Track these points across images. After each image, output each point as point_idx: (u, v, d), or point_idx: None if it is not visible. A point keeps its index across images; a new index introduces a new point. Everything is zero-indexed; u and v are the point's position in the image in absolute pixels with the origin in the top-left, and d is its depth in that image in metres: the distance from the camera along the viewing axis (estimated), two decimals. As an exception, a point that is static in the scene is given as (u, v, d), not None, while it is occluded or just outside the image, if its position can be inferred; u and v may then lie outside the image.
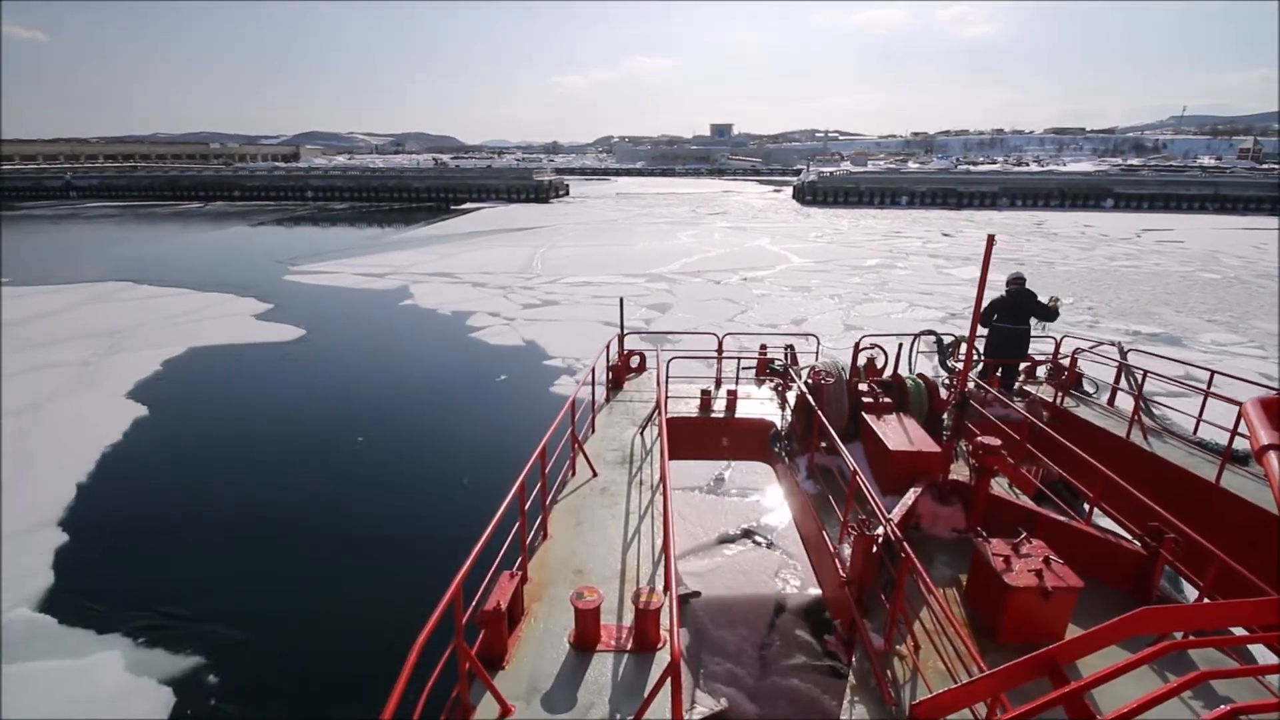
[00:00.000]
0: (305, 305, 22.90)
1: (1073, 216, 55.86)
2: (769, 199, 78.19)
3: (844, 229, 45.91)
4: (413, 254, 33.99)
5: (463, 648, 3.08)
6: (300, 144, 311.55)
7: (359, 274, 28.03)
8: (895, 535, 4.19)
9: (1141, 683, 3.06)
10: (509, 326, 19.24)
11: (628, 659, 3.66)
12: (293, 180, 77.24)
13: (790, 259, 32.15)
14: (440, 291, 24.42)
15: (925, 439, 5.98)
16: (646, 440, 6.95)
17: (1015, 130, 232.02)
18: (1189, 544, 4.21)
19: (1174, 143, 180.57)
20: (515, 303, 22.38)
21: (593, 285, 25.40)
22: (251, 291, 24.45)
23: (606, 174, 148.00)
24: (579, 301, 22.56)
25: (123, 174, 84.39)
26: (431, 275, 27.69)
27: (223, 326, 19.89)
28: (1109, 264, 31.28)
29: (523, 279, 26.82)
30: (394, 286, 25.36)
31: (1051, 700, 2.38)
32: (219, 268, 30.71)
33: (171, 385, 14.91)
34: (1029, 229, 46.32)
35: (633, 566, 4.61)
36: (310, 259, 32.26)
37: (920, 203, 67.78)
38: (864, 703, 3.65)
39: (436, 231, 44.89)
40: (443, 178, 74.90)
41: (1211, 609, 2.88)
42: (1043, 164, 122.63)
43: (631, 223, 49.90)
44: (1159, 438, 7.07)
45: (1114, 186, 66.68)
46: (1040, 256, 33.36)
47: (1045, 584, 3.91)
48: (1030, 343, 9.26)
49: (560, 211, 60.09)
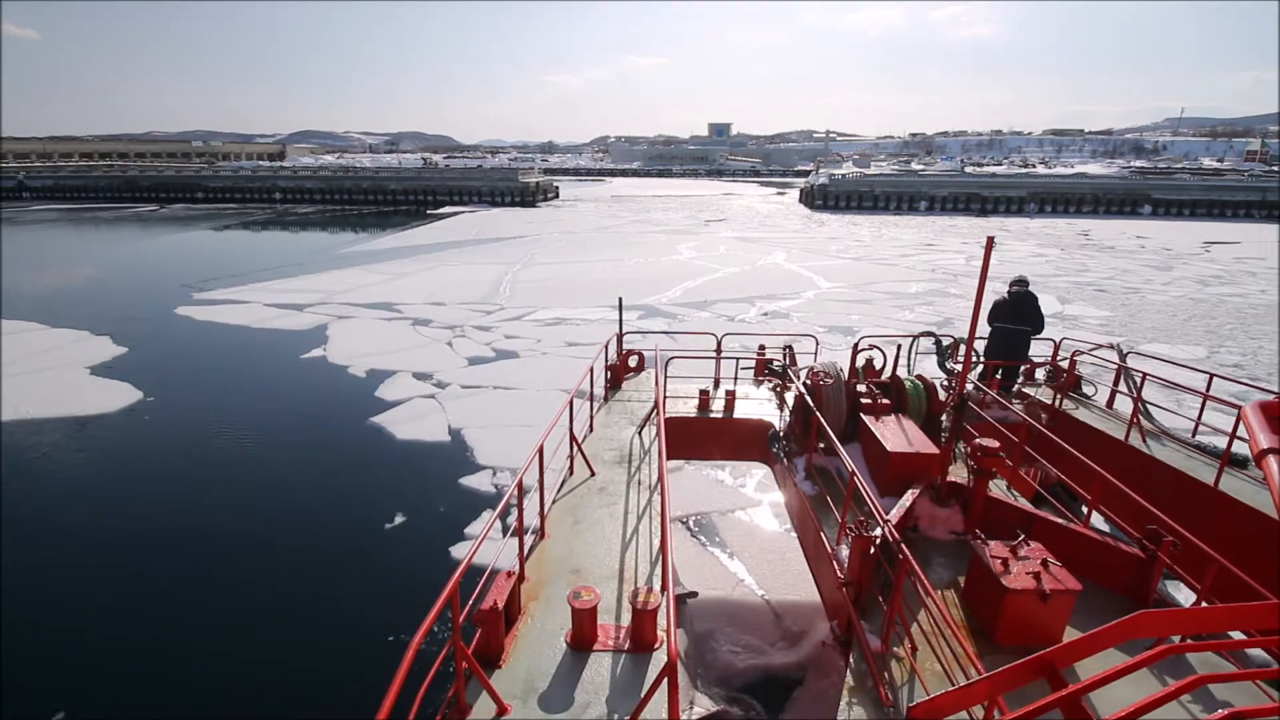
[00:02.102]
0: (170, 353, 17.12)
1: (1115, 225, 50.27)
2: (774, 203, 72.42)
3: (866, 240, 40.16)
4: (358, 273, 28.12)
5: (459, 647, 3.10)
6: (295, 143, 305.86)
7: (274, 304, 22.15)
8: (893, 537, 4.09)
9: (1139, 686, 3.14)
10: (434, 403, 13.35)
11: (625, 659, 3.64)
12: (259, 181, 71.20)
13: (816, 282, 26.35)
14: (367, 334, 18.57)
15: (924, 440, 5.90)
16: (645, 440, 6.84)
17: (1014, 131, 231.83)
18: (1187, 547, 4.15)
19: (1174, 144, 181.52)
20: (460, 355, 16.55)
21: (568, 324, 19.58)
22: (116, 328, 18.60)
23: (601, 175, 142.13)
24: (546, 351, 16.77)
25: (79, 174, 78.26)
26: (368, 306, 21.84)
27: (34, 384, 14.09)
28: (1203, 291, 25.57)
29: (482, 312, 21.00)
30: (309, 325, 19.48)
31: (1049, 703, 2.36)
32: (103, 292, 24.93)
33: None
34: (1076, 240, 40.64)
35: (630, 566, 4.58)
36: (229, 279, 26.35)
37: (941, 208, 62.17)
38: (861, 704, 3.61)
39: (398, 242, 38.97)
40: (420, 179, 68.88)
41: (1210, 612, 2.72)
42: (1050, 166, 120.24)
43: (624, 232, 44.01)
44: (1158, 440, 6.96)
45: (1152, 192, 61.16)
46: (1117, 279, 27.63)
47: (1043, 586, 3.85)
48: (1031, 345, 9.07)
49: (546, 217, 54.22)
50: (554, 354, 16.57)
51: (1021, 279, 9.18)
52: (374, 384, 14.41)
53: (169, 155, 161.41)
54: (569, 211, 59.38)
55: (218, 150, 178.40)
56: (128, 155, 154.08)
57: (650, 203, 70.32)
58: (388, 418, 12.59)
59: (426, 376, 14.88)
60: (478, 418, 12.54)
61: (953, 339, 8.98)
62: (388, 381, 14.55)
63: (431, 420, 12.46)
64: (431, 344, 17.51)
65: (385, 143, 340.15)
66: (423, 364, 15.74)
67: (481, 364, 15.86)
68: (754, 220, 52.36)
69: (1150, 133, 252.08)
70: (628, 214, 57.11)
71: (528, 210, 61.04)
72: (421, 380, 14.64)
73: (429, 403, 13.34)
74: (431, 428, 12.13)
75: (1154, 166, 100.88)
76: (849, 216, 56.13)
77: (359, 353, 16.65)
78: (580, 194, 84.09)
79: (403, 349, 17.05)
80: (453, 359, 16.20)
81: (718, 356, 8.97)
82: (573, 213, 58.27)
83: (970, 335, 5.35)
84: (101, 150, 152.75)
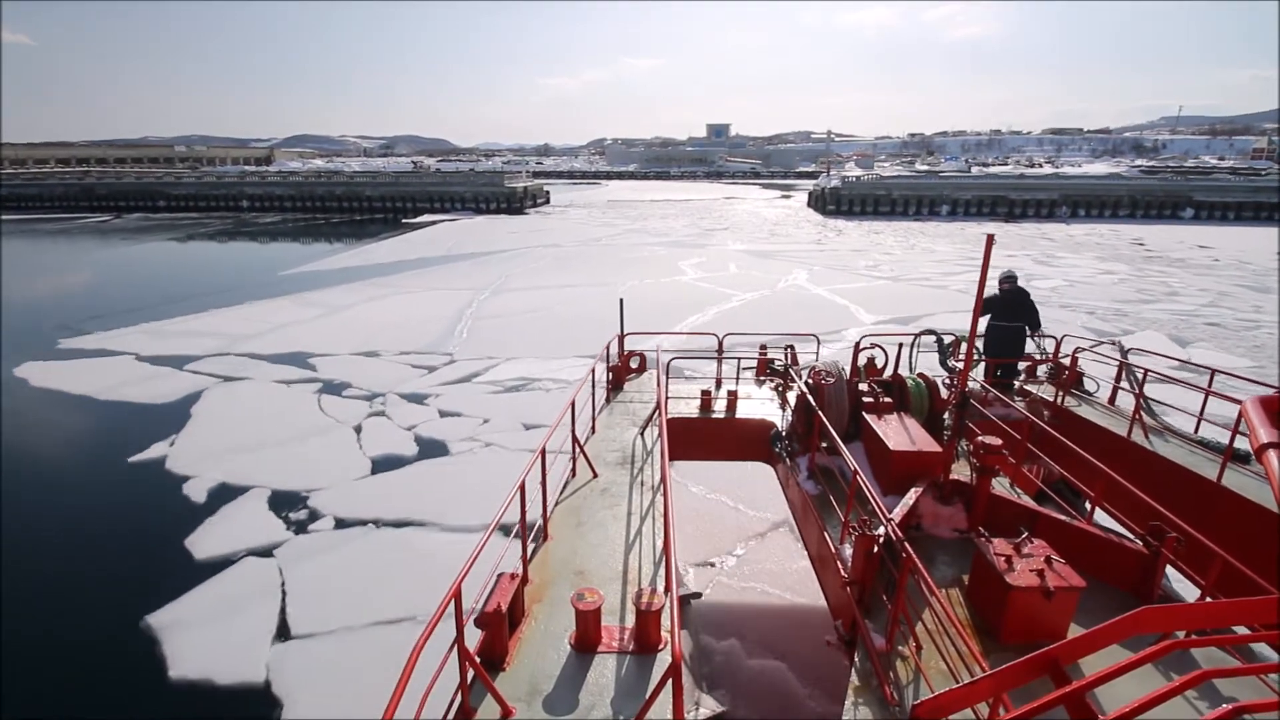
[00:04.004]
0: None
1: (1164, 231, 45.07)
2: (781, 208, 67.20)
3: (896, 253, 34.91)
4: (288, 306, 22.86)
5: (463, 649, 3.09)
6: (292, 147, 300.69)
7: (154, 356, 16.84)
8: (896, 535, 4.10)
9: (1144, 682, 3.07)
10: (269, 572, 7.95)
11: (629, 660, 3.62)
12: (224, 189, 65.90)
13: (855, 313, 21.07)
14: (250, 410, 13.31)
15: (926, 439, 5.86)
16: (647, 441, 6.82)
17: (1013, 131, 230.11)
18: (1190, 543, 4.16)
19: (1173, 143, 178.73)
20: (364, 452, 11.29)
21: (533, 388, 14.34)
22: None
23: (598, 178, 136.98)
24: (491, 440, 11.54)
25: (34, 182, 72.97)
26: (274, 360, 16.58)
27: None
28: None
29: (423, 367, 15.78)
30: (177, 394, 14.17)
31: (1053, 700, 2.32)
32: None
33: None
34: (1135, 251, 35.44)
35: (634, 567, 4.55)
36: (119, 316, 21.08)
37: (964, 212, 57.01)
38: (866, 703, 3.59)
39: (357, 259, 33.68)
40: (399, 185, 63.55)
41: (1213, 608, 2.78)
42: (1057, 165, 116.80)
43: (617, 245, 38.73)
44: (1160, 436, 6.92)
45: (1193, 193, 56.02)
46: (1220, 306, 22.38)
47: (1047, 584, 3.84)
48: (1026, 341, 9.09)
49: (533, 226, 49.00)
50: (501, 447, 11.32)
51: (1010, 275, 9.18)
52: (202, 519, 9.11)
53: (151, 160, 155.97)
54: (559, 219, 54.13)
55: (202, 155, 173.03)
56: (107, 161, 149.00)
57: (647, 208, 65.05)
58: (170, 617, 7.26)
59: (291, 503, 9.59)
60: (331, 609, 7.25)
61: (954, 336, 8.74)
62: (226, 514, 9.28)
63: (237, 626, 7.10)
64: (332, 430, 12.25)
65: (381, 146, 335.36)
66: (300, 472, 10.47)
67: (389, 471, 10.60)
68: (762, 229, 47.07)
69: (1148, 131, 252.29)
70: (623, 222, 51.83)
71: (514, 218, 55.81)
72: (278, 512, 9.32)
73: (261, 570, 7.98)
74: (227, 650, 6.77)
75: (1166, 165, 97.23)
76: (867, 223, 50.87)
77: (219, 448, 11.38)
78: (574, 199, 78.85)
79: (287, 439, 11.79)
80: (348, 462, 10.92)
81: (719, 357, 8.94)
82: (563, 221, 53.02)
83: (971, 333, 5.51)
84: (80, 156, 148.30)
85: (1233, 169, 79.73)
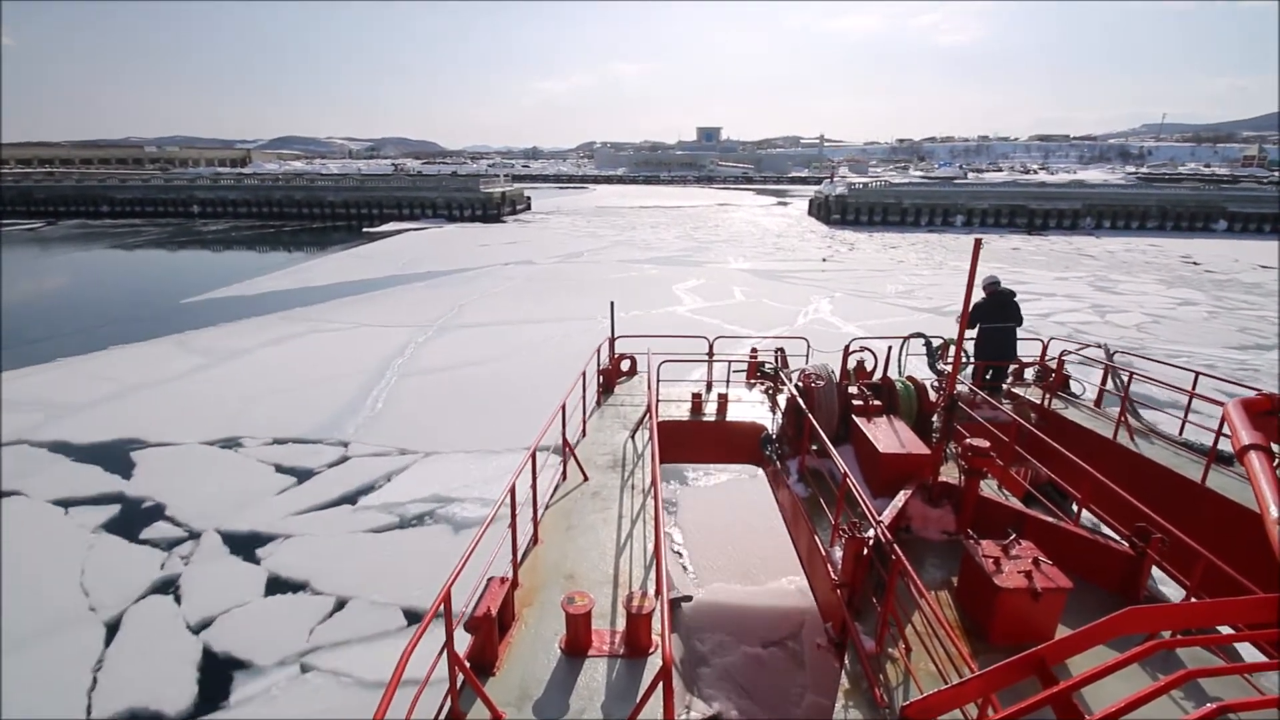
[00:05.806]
0: None
1: (1206, 246, 40.67)
2: (780, 216, 62.31)
3: (924, 273, 29.99)
4: (163, 350, 17.52)
5: (453, 654, 3.09)
6: (278, 148, 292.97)
7: (-94, 446, 11.61)
8: (886, 538, 4.06)
9: (1129, 682, 3.12)
10: None
11: (619, 664, 3.61)
12: (173, 193, 60.17)
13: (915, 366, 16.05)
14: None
15: (915, 441, 5.87)
16: (638, 444, 6.76)
17: (1000, 137, 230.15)
18: (1175, 543, 4.18)
19: (1158, 149, 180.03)
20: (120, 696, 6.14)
21: (445, 517, 9.17)
22: None
23: (585, 182, 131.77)
24: (319, 685, 6.43)
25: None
26: (82, 452, 11.32)
27: None
28: None
29: (297, 470, 10.58)
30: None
31: (1041, 700, 2.35)
32: None
33: None
34: (1190, 272, 30.74)
35: (624, 571, 4.53)
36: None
37: (983, 223, 52.41)
38: (856, 705, 3.58)
39: (290, 281, 28.17)
40: (363, 190, 58.04)
41: (1198, 608, 2.77)
42: (1053, 172, 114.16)
43: (602, 262, 33.54)
44: (1145, 439, 6.93)
45: (1227, 204, 51.77)
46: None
47: (1035, 585, 3.85)
48: (1018, 342, 8.96)
49: (508, 237, 43.75)
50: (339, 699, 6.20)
51: (993, 279, 9.07)
52: None
53: (119, 161, 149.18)
54: (538, 229, 48.85)
55: (174, 156, 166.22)
56: (71, 162, 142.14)
57: (636, 216, 59.90)
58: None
59: None
60: None
61: (942, 340, 8.72)
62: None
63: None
64: (78, 625, 7.02)
65: (367, 148, 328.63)
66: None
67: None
68: (765, 242, 42.05)
69: (1133, 137, 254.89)
70: (609, 232, 46.66)
71: (489, 227, 50.51)
72: None
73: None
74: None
75: (1165, 174, 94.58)
76: (878, 235, 46.02)
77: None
78: (558, 205, 73.59)
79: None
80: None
81: (710, 360, 8.82)
82: (542, 231, 47.76)
83: (960, 336, 5.60)
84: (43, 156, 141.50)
85: (1255, 178, 76.37)
